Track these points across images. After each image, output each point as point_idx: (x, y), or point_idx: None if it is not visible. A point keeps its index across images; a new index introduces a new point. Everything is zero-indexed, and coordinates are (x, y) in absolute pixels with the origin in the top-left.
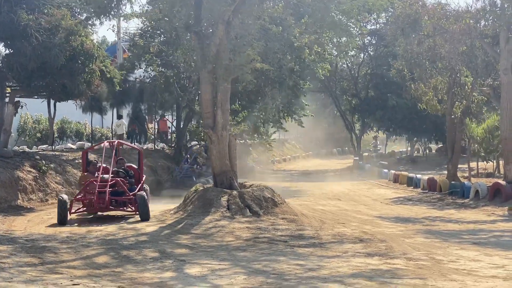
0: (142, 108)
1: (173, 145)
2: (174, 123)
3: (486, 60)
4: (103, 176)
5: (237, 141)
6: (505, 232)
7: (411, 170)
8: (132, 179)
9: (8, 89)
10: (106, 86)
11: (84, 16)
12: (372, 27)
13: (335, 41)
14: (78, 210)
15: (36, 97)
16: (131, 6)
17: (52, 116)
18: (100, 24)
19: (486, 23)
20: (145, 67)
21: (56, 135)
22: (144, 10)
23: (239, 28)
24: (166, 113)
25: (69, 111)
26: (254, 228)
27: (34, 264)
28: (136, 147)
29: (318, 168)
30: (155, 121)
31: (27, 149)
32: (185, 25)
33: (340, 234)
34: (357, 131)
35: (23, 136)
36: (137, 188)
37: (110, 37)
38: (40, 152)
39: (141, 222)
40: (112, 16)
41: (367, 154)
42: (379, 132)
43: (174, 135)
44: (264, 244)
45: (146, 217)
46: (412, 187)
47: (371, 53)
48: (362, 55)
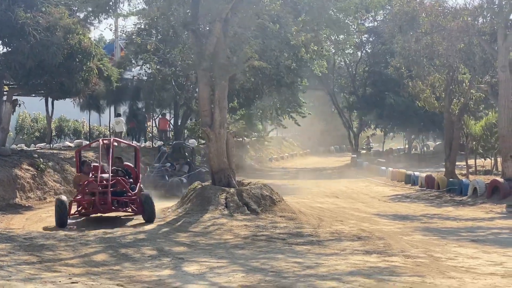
0: (140, 107)
1: (171, 143)
2: (172, 121)
3: (484, 58)
4: (103, 176)
5: (235, 139)
6: (503, 229)
7: (409, 168)
8: (131, 179)
9: (6, 88)
10: (104, 84)
11: (82, 15)
12: (370, 25)
13: (333, 39)
14: (77, 212)
15: (34, 96)
16: (129, 4)
17: (50, 115)
18: (99, 23)
19: (484, 20)
20: (142, 65)
21: (54, 134)
22: (141, 8)
23: (237, 26)
24: (164, 111)
25: (67, 110)
26: (252, 226)
27: (33, 262)
28: (133, 145)
29: (316, 166)
30: (153, 119)
31: (25, 148)
32: (183, 23)
33: (338, 232)
34: (355, 129)
35: (21, 135)
36: (137, 188)
37: (108, 35)
38: (38, 151)
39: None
40: (110, 15)
41: (361, 152)
42: (377, 130)
43: (172, 133)
44: (262, 242)
45: (152, 219)
46: (410, 185)
47: (369, 51)
48: (360, 53)
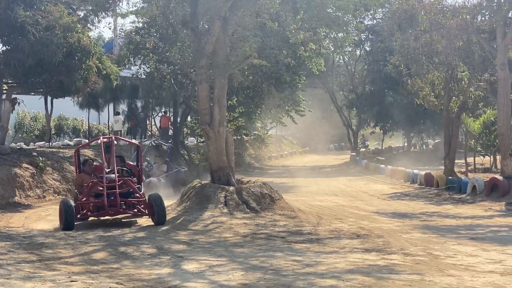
0: (139, 105)
1: (170, 141)
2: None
3: (483, 56)
4: (110, 176)
5: (234, 137)
6: (502, 227)
7: (408, 166)
8: (134, 178)
9: (5, 86)
10: (103, 83)
11: (82, 13)
12: (369, 23)
13: (332, 37)
14: (84, 215)
15: (33, 94)
16: (128, 3)
17: (49, 113)
18: (98, 22)
19: (483, 18)
20: (140, 63)
21: (53, 132)
22: (140, 7)
23: (236, 25)
24: (166, 109)
25: (66, 108)
26: (252, 224)
27: (32, 261)
28: (135, 143)
29: (315, 164)
30: (153, 118)
31: (24, 146)
32: (182, 22)
33: (338, 230)
34: (354, 127)
35: (20, 133)
36: (142, 188)
37: (107, 34)
38: (38, 149)
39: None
40: (109, 13)
41: (360, 147)
42: (376, 128)
43: (171, 131)
44: (262, 240)
45: (163, 221)
46: (409, 183)
47: (368, 49)
48: (359, 51)
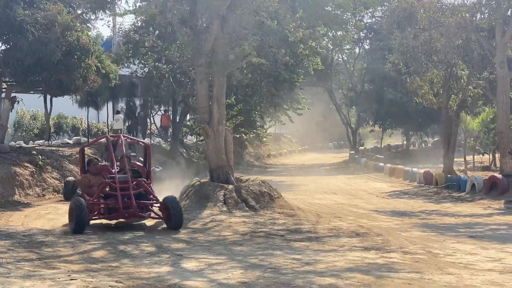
0: (137, 104)
1: (169, 140)
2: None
3: (482, 54)
4: (122, 176)
5: (233, 135)
6: (501, 226)
7: (407, 164)
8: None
9: (4, 85)
10: (102, 81)
11: (80, 12)
12: (369, 21)
13: (330, 35)
14: (95, 218)
15: (33, 93)
16: (126, 1)
17: (49, 111)
18: (96, 20)
19: (482, 17)
20: (139, 62)
21: (53, 130)
22: (138, 6)
23: (235, 23)
24: (166, 108)
25: (65, 106)
26: (251, 223)
27: (32, 259)
28: (143, 142)
29: (314, 162)
30: (152, 116)
31: (24, 145)
32: (181, 20)
33: (337, 228)
34: (353, 125)
35: (20, 131)
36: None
37: (105, 32)
38: (37, 147)
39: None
40: (108, 11)
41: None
42: (375, 126)
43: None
44: (261, 239)
45: (180, 225)
46: (408, 181)
47: (367, 47)
48: (358, 49)
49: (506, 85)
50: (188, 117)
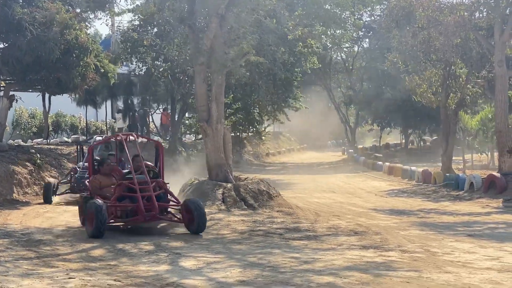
0: (135, 102)
1: (168, 138)
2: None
3: (481, 52)
4: (140, 177)
5: (232, 134)
6: (500, 224)
7: (406, 162)
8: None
9: (3, 83)
10: (100, 80)
11: (79, 10)
12: (367, 19)
13: (329, 34)
14: (111, 222)
15: (31, 91)
16: (126, 0)
17: (47, 110)
18: (95, 18)
19: (481, 15)
20: (137, 60)
21: (51, 129)
22: (136, 4)
23: (233, 21)
24: (166, 106)
25: (64, 105)
26: (250, 221)
27: (30, 258)
28: (155, 141)
29: (313, 161)
30: (151, 115)
31: (22, 143)
32: (179, 19)
33: (335, 227)
34: (352, 124)
35: (18, 130)
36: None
37: (104, 31)
38: (35, 146)
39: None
40: (106, 10)
41: (344, 147)
42: (374, 125)
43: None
44: (260, 237)
45: (203, 229)
46: (407, 179)
47: (366, 46)
48: (357, 48)
49: (505, 84)
50: (187, 116)
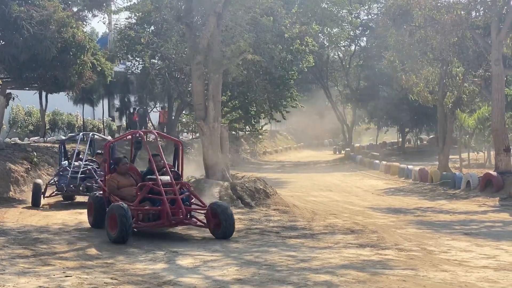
0: (132, 100)
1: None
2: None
3: (477, 51)
4: (163, 178)
5: (228, 132)
6: (496, 223)
7: (403, 161)
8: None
9: None
10: (97, 78)
11: (76, 9)
12: (365, 18)
13: (326, 32)
14: (140, 226)
15: (28, 89)
16: None
17: (44, 108)
18: (92, 17)
19: (477, 14)
20: (133, 58)
21: (48, 127)
22: (133, 2)
23: (230, 20)
24: (165, 104)
25: (60, 103)
26: (246, 219)
27: (27, 256)
28: (175, 140)
29: (310, 159)
30: (148, 113)
31: (19, 141)
32: (176, 17)
33: (332, 225)
34: (349, 123)
35: (15, 128)
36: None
37: (100, 29)
38: (32, 144)
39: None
40: (104, 9)
41: (335, 147)
42: (371, 124)
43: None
44: (256, 235)
45: (230, 235)
46: (404, 178)
47: (363, 44)
48: (354, 46)
49: (501, 83)
50: (184, 114)
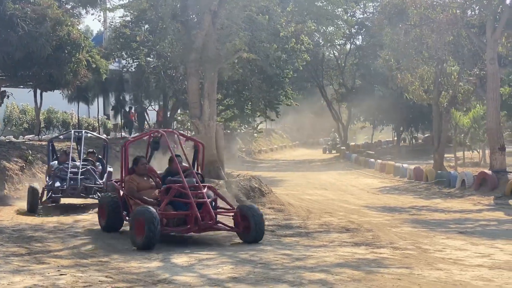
0: (128, 99)
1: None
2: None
3: (473, 50)
4: (190, 180)
5: (224, 131)
6: (491, 221)
7: (398, 160)
8: None
9: None
10: (92, 76)
11: (70, 6)
12: (360, 17)
13: (321, 31)
14: (166, 232)
15: (22, 87)
16: None
17: (39, 106)
18: (86, 14)
19: (473, 13)
20: (127, 56)
21: (43, 125)
22: (128, 0)
23: (226, 18)
24: (154, 103)
25: (55, 101)
26: None
27: (21, 254)
28: (195, 140)
29: (305, 158)
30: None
31: (14, 139)
32: (172, 15)
33: (327, 224)
34: (344, 121)
35: (10, 126)
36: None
37: (95, 27)
38: (27, 142)
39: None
40: (99, 7)
41: (325, 146)
42: (366, 122)
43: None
44: None
45: (260, 239)
46: (399, 177)
47: (358, 43)
48: (349, 45)
49: (496, 82)
50: (179, 112)
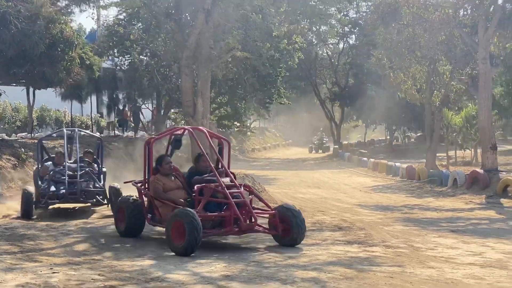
0: (121, 97)
1: (153, 133)
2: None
3: (465, 50)
4: (225, 180)
5: (217, 129)
6: (483, 220)
7: (390, 159)
8: None
9: None
10: (85, 74)
11: (64, 4)
12: (353, 16)
13: (314, 30)
14: (206, 235)
15: (15, 85)
16: None
17: (31, 104)
18: (80, 11)
19: (465, 13)
20: (119, 54)
21: (36, 123)
22: None
23: (219, 17)
24: (147, 102)
25: (48, 99)
26: None
27: (14, 252)
28: (219, 137)
29: (298, 156)
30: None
31: (6, 137)
32: (165, 13)
33: (320, 222)
34: (337, 120)
35: (2, 124)
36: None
37: (88, 25)
38: (20, 140)
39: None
40: (92, 5)
41: (311, 146)
42: (359, 121)
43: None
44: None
45: (300, 241)
46: (391, 176)
47: (351, 42)
48: (342, 44)
49: (488, 81)
50: (173, 111)
